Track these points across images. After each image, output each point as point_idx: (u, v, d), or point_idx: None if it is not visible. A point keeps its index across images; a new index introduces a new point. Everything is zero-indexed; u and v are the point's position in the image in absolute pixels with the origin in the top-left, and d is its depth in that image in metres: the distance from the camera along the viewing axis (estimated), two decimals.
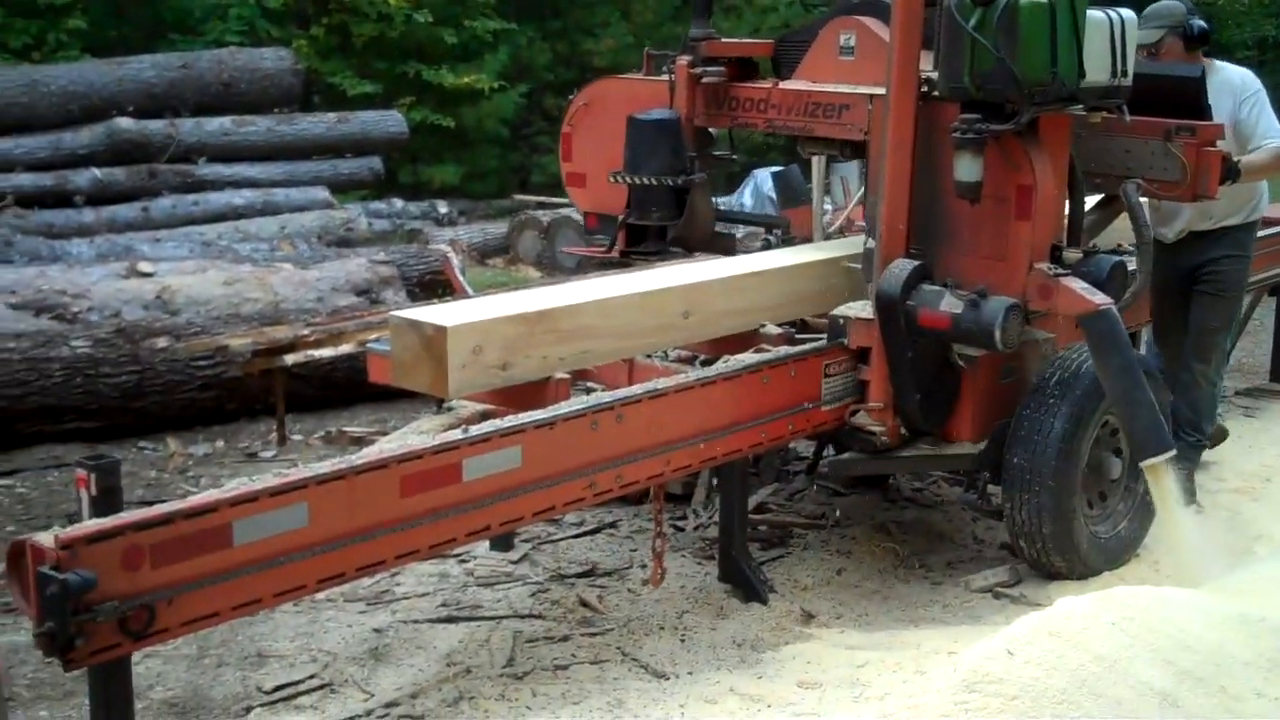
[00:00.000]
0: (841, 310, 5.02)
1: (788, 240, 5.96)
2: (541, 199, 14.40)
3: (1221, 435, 6.61)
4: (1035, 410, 4.96)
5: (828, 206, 8.79)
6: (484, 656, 4.57)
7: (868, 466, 5.38)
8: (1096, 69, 4.78)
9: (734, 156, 6.27)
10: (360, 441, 6.52)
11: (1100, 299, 4.73)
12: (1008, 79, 4.54)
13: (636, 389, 4.36)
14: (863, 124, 5.23)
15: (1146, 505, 5.12)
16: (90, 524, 3.19)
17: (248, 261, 9.92)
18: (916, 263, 4.87)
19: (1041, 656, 3.49)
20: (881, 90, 4.96)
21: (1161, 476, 4.70)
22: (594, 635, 4.73)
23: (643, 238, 5.76)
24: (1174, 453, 4.70)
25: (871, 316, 4.91)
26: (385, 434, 6.02)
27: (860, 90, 5.28)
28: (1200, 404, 6.05)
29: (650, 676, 4.44)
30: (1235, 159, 5.39)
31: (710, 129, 5.88)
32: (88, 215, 11.08)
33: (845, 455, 5.33)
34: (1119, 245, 5.96)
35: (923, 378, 4.93)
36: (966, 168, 4.68)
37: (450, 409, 4.57)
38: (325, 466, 3.59)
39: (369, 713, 4.19)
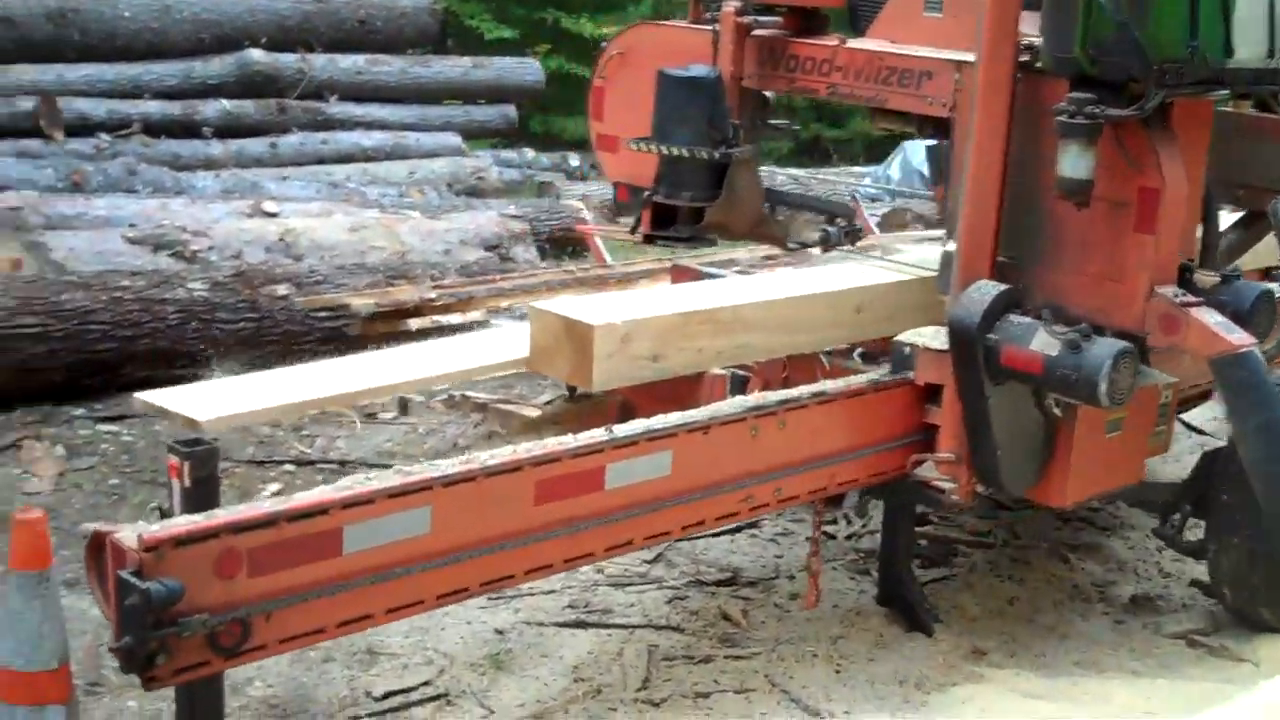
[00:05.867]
0: (909, 336, 4.10)
1: (852, 231, 4.85)
2: None
3: None
4: None
5: None
6: (616, 674, 4.10)
7: None
8: (1248, 44, 3.80)
9: (795, 127, 5.23)
10: (485, 408, 6.08)
11: (1240, 338, 3.73)
12: (1133, 52, 3.58)
13: (802, 390, 3.85)
14: (946, 97, 4.24)
15: None
16: (181, 522, 2.75)
17: (375, 206, 9.58)
18: (1003, 287, 3.91)
19: None
20: (972, 57, 4.01)
21: None
22: (739, 659, 4.23)
23: (672, 219, 4.73)
24: None
25: (944, 347, 3.98)
26: (511, 401, 5.60)
27: (947, 55, 4.28)
28: None
29: (802, 713, 3.94)
30: None
31: (765, 92, 4.85)
32: (215, 148, 10.72)
33: None
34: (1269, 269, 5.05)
35: (1005, 428, 3.98)
36: (1073, 161, 3.66)
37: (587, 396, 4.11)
38: (453, 466, 3.12)
39: None
